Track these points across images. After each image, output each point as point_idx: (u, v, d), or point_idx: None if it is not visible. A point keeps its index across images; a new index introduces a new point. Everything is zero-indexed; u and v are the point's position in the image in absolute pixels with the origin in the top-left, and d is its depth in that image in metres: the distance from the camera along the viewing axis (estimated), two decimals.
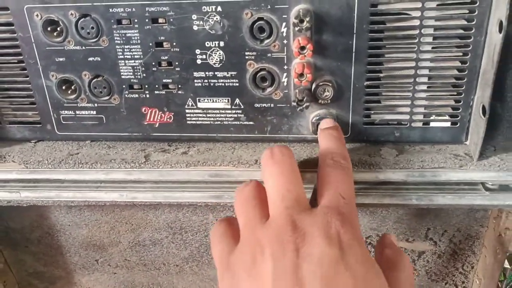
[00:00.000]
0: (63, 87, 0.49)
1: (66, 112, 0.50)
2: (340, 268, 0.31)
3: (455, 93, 0.44)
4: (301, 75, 0.42)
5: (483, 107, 0.41)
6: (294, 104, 0.44)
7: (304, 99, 0.43)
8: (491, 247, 0.53)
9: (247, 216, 0.37)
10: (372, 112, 0.46)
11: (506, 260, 0.51)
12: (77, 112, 0.50)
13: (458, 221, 0.54)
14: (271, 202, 0.36)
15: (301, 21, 0.40)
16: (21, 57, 0.48)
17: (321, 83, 0.44)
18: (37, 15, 0.45)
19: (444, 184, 0.44)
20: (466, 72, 0.43)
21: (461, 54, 0.43)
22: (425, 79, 0.44)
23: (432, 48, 0.43)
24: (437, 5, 0.41)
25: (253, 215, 0.36)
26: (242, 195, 0.38)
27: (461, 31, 0.42)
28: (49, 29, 0.46)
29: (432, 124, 0.46)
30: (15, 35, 0.47)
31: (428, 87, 0.44)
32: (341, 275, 0.31)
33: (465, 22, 0.41)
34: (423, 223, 0.55)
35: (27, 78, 0.49)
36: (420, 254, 0.57)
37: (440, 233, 0.55)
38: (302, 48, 0.41)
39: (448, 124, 0.46)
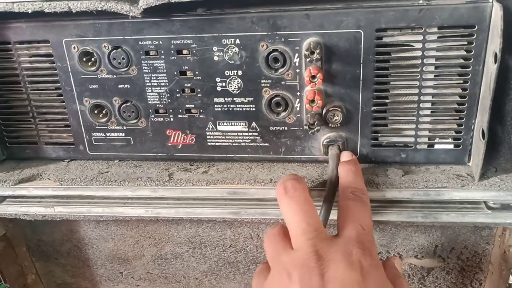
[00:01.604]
0: (95, 111, 0.53)
1: (97, 134, 0.54)
2: None
3: (457, 118, 0.47)
4: (312, 101, 0.46)
5: (482, 131, 0.44)
6: (306, 127, 0.47)
7: (315, 123, 0.47)
8: (497, 265, 0.56)
9: (274, 248, 0.41)
10: (379, 135, 0.49)
11: (511, 276, 0.53)
12: (107, 134, 0.54)
13: (465, 238, 0.56)
14: (293, 236, 0.40)
15: (312, 52, 0.44)
16: (58, 84, 0.53)
17: (331, 108, 0.47)
18: (74, 47, 0.50)
19: (448, 203, 0.47)
20: (466, 98, 0.46)
21: (461, 81, 0.46)
22: (428, 105, 0.47)
23: (435, 76, 0.46)
24: (438, 37, 0.45)
25: (278, 246, 0.40)
26: (270, 234, 0.43)
27: (461, 61, 0.45)
28: (84, 59, 0.51)
29: (436, 146, 0.49)
30: (54, 65, 0.52)
31: (431, 111, 0.48)
32: None
33: (465, 53, 0.45)
34: (431, 240, 0.57)
35: (63, 103, 0.54)
36: (429, 270, 0.60)
37: (448, 250, 0.57)
38: (313, 77, 0.44)
39: (451, 146, 0.49)
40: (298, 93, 0.48)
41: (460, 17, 0.43)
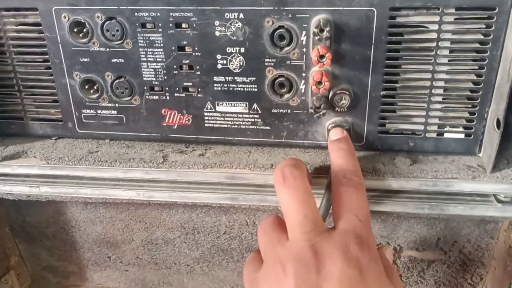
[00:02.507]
0: (86, 87, 0.50)
1: (87, 111, 0.51)
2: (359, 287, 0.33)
3: (469, 105, 0.45)
4: (319, 83, 0.43)
5: (498, 120, 0.42)
6: (311, 111, 0.45)
7: (321, 107, 0.44)
8: (501, 259, 0.54)
9: (268, 239, 0.39)
10: (387, 121, 0.47)
11: None
12: (98, 111, 0.51)
13: (469, 232, 0.54)
14: (290, 227, 0.38)
15: (321, 30, 0.41)
16: (46, 56, 0.49)
17: (338, 91, 0.45)
18: (64, 17, 0.47)
19: (456, 195, 0.45)
20: (481, 85, 0.44)
21: (477, 67, 0.43)
22: (440, 91, 0.45)
23: (449, 60, 0.43)
24: (455, 19, 0.42)
25: (273, 237, 0.38)
26: (264, 224, 0.41)
27: (478, 45, 0.43)
28: (75, 30, 0.48)
29: (446, 135, 0.47)
30: (42, 35, 0.48)
31: (443, 98, 0.45)
32: None
33: (482, 37, 0.42)
34: (434, 233, 0.55)
35: (52, 77, 0.50)
36: (430, 263, 0.58)
37: (450, 243, 0.56)
38: (321, 56, 0.42)
39: (462, 135, 0.46)
40: (303, 74, 0.45)
41: None
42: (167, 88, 0.48)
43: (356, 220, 0.37)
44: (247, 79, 0.47)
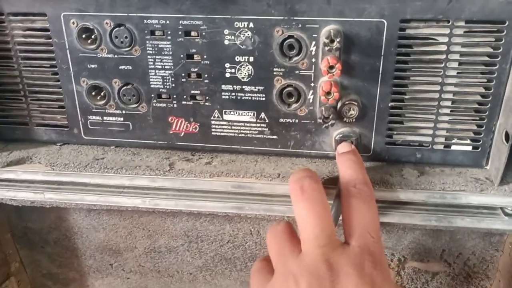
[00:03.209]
0: (93, 93, 0.50)
1: (93, 117, 0.51)
2: None
3: (477, 118, 0.45)
4: (328, 93, 0.43)
5: (507, 134, 0.42)
6: (320, 121, 0.45)
7: (330, 117, 0.44)
8: (505, 272, 0.54)
9: (280, 249, 0.39)
10: (395, 132, 0.47)
11: None
12: (105, 118, 0.51)
13: (474, 244, 0.54)
14: (305, 239, 0.37)
15: (332, 41, 0.41)
16: (54, 62, 0.49)
17: (347, 102, 0.45)
18: (73, 23, 0.47)
19: (464, 207, 0.45)
20: (490, 98, 0.44)
21: (485, 80, 0.43)
22: (448, 103, 0.45)
23: (457, 73, 0.44)
24: (465, 32, 0.42)
25: (285, 248, 0.38)
26: (275, 231, 0.40)
27: (487, 58, 0.43)
28: (83, 36, 0.47)
29: (453, 147, 0.47)
30: (50, 40, 0.48)
31: (451, 111, 0.45)
32: None
33: (491, 50, 0.42)
34: (439, 245, 0.55)
35: (58, 83, 0.50)
36: (434, 275, 0.58)
37: (455, 255, 0.55)
38: (331, 67, 0.42)
39: (469, 148, 0.46)
40: (312, 84, 0.45)
41: (490, 12, 0.40)
42: (174, 96, 0.48)
43: (369, 237, 0.37)
44: (255, 88, 0.47)
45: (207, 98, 0.48)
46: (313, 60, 0.44)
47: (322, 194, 0.39)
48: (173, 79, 0.47)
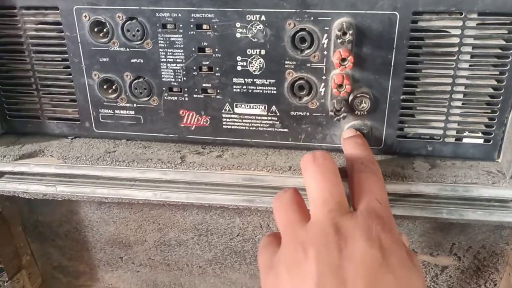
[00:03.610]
0: (104, 86, 0.50)
1: (105, 110, 0.51)
2: (382, 269, 0.33)
3: (489, 111, 0.45)
4: (340, 85, 0.43)
5: None
6: (332, 114, 0.45)
7: (342, 109, 0.44)
8: None
9: (288, 219, 0.38)
10: (406, 125, 0.47)
11: None
12: (116, 111, 0.51)
13: (484, 237, 0.54)
14: (314, 204, 0.37)
15: (344, 33, 0.41)
16: (66, 55, 0.49)
17: (358, 95, 0.45)
18: (85, 16, 0.47)
19: (475, 200, 0.45)
20: (502, 91, 0.44)
21: (497, 73, 0.43)
22: (460, 96, 0.45)
23: (469, 65, 0.43)
24: (477, 24, 0.42)
25: (293, 217, 0.38)
26: (282, 199, 0.39)
27: (499, 51, 0.43)
28: (95, 29, 0.48)
29: (464, 140, 0.47)
30: (62, 34, 0.48)
31: (463, 103, 0.45)
32: (383, 276, 0.32)
33: (504, 42, 0.42)
34: (449, 238, 0.55)
35: (70, 76, 0.50)
36: (443, 268, 0.58)
37: (465, 248, 0.55)
38: (343, 60, 0.42)
39: (481, 141, 0.46)
40: (323, 77, 0.45)
41: (503, 4, 0.40)
42: (186, 89, 0.48)
43: (377, 203, 0.37)
44: (266, 81, 0.47)
45: (218, 91, 0.48)
46: (325, 53, 0.44)
47: (334, 163, 0.39)
48: (184, 72, 0.48)
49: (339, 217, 0.35)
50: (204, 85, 0.48)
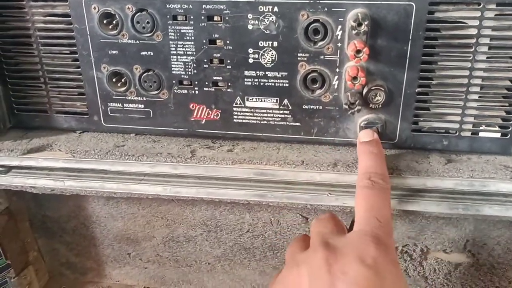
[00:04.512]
0: (113, 80, 0.49)
1: (114, 104, 0.50)
2: None
3: (507, 104, 0.44)
4: (354, 78, 0.42)
5: None
6: (346, 107, 0.44)
7: (356, 102, 0.43)
8: None
9: (289, 248, 0.41)
10: (421, 119, 0.46)
11: None
12: (125, 105, 0.50)
13: (499, 234, 0.53)
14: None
15: (359, 24, 0.40)
16: (74, 48, 0.49)
17: (373, 88, 0.44)
18: (94, 8, 0.46)
19: (492, 195, 0.44)
20: None
21: None
22: (477, 89, 0.44)
23: (487, 58, 0.42)
24: (495, 15, 0.41)
25: (292, 245, 0.41)
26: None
27: None
28: (105, 21, 0.47)
29: (481, 134, 0.46)
30: (71, 26, 0.48)
31: (479, 96, 0.44)
32: None
33: None
34: (463, 235, 0.54)
35: (79, 69, 0.50)
36: (457, 266, 0.57)
37: (479, 245, 0.54)
38: (358, 51, 0.41)
39: (498, 135, 0.45)
40: (337, 70, 0.45)
41: None
42: (196, 82, 0.48)
43: (376, 221, 0.36)
44: (278, 74, 0.46)
45: (229, 84, 0.47)
46: (339, 44, 0.43)
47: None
48: (195, 65, 0.47)
49: (330, 236, 0.37)
50: (215, 78, 0.47)
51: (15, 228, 0.63)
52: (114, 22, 0.47)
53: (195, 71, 0.47)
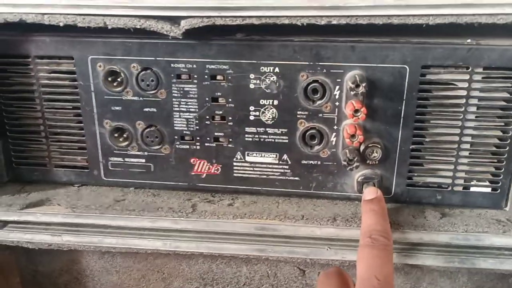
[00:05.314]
0: (115, 135, 0.50)
1: (115, 158, 0.51)
2: None
3: (496, 160, 0.46)
4: (353, 136, 0.44)
5: None
6: (344, 163, 0.45)
7: (355, 159, 0.45)
8: None
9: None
10: (416, 174, 0.48)
11: None
12: (126, 159, 0.51)
13: (492, 286, 0.54)
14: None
15: (357, 86, 0.43)
16: (78, 104, 0.50)
17: (370, 145, 0.46)
18: (100, 66, 0.47)
19: (486, 249, 0.45)
20: (507, 141, 0.45)
21: (503, 124, 0.45)
22: (467, 146, 0.46)
23: (476, 117, 0.45)
24: (483, 77, 0.44)
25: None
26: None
27: (504, 103, 0.44)
28: (109, 79, 0.48)
29: (472, 189, 0.48)
30: (76, 83, 0.49)
31: (470, 153, 0.46)
32: None
33: (508, 95, 0.44)
34: (457, 286, 0.55)
35: (81, 124, 0.50)
36: None
37: None
38: (356, 111, 0.43)
39: (488, 189, 0.47)
40: (335, 127, 0.46)
41: (508, 59, 0.42)
42: (198, 138, 0.49)
43: (374, 280, 0.37)
44: (278, 130, 0.48)
45: (230, 140, 0.49)
46: (337, 103, 0.46)
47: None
48: (197, 121, 0.48)
49: None
50: (216, 134, 0.48)
51: (5, 283, 0.61)
52: (118, 79, 0.48)
53: (197, 127, 0.48)
